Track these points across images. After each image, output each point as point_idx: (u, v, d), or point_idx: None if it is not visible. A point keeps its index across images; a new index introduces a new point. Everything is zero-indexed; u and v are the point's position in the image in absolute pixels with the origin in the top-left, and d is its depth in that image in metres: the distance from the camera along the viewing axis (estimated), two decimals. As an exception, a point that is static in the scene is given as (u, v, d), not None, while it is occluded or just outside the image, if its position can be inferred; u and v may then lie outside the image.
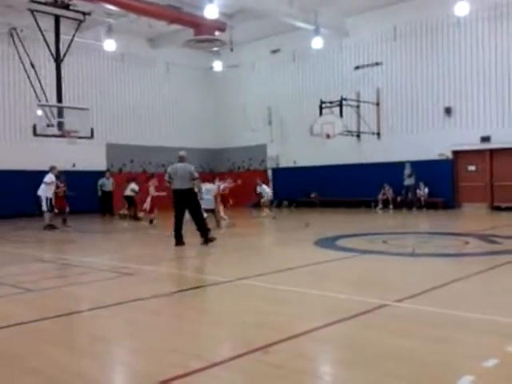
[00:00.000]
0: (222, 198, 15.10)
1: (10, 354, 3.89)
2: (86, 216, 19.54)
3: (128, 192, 17.67)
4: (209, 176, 21.21)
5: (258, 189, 19.36)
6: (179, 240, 9.91)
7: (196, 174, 10.01)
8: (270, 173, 25.63)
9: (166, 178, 10.02)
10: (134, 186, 17.70)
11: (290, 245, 10.65)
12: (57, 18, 18.24)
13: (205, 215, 10.85)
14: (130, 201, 17.80)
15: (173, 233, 10.09)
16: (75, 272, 7.58)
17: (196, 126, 26.40)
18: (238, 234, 13.14)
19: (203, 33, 20.15)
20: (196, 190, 10.14)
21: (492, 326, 4.32)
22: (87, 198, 20.23)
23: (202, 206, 13.45)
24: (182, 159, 10.10)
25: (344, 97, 20.83)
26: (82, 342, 4.31)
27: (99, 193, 20.52)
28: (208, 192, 14.17)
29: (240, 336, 4.26)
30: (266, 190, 19.49)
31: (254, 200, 20.54)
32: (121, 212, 18.40)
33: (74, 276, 7.22)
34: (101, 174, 21.24)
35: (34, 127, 17.45)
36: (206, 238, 9.93)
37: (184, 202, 9.90)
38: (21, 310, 5.35)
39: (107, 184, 20.53)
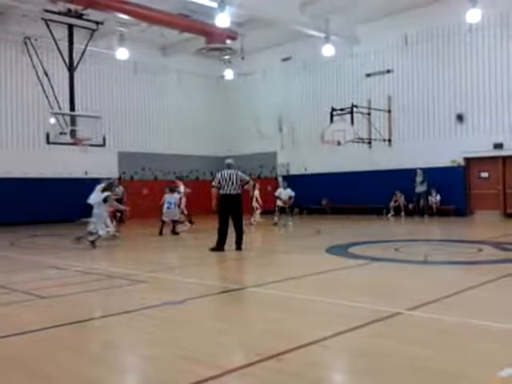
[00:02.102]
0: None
1: (22, 361, 3.91)
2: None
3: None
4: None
5: (278, 191, 18.20)
6: (222, 245, 10.25)
7: (246, 178, 10.87)
8: (280, 180, 25.60)
9: (215, 183, 10.50)
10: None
11: (301, 252, 10.61)
12: (70, 28, 18.49)
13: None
14: None
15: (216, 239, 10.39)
16: (88, 279, 7.61)
17: (207, 134, 26.51)
18: (249, 242, 13.12)
19: (214, 41, 20.29)
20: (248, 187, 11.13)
21: (507, 335, 4.27)
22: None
23: (166, 218, 14.35)
24: (230, 166, 10.73)
25: (355, 104, 20.82)
26: (95, 349, 4.32)
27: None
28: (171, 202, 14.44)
29: (251, 344, 4.25)
30: (284, 193, 17.97)
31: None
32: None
33: (86, 283, 7.25)
34: (113, 181, 21.37)
35: (47, 135, 17.66)
36: (240, 245, 10.46)
37: (231, 206, 10.40)
38: (33, 316, 5.38)
39: (116, 191, 20.54)
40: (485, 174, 19.80)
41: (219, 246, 10.24)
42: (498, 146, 19.00)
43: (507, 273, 7.18)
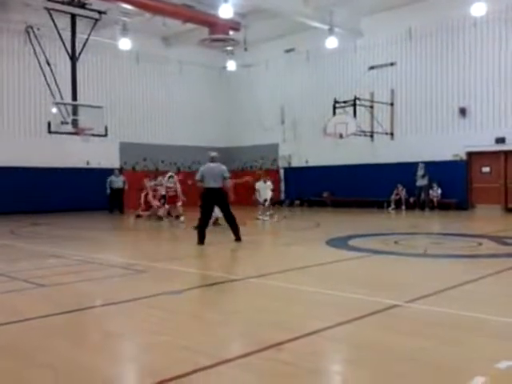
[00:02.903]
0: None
1: (22, 348, 3.93)
2: (97, 213, 19.71)
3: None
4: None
5: (258, 185, 16.65)
6: (202, 238, 10.03)
7: (228, 174, 10.46)
8: (282, 172, 25.63)
9: (198, 177, 10.32)
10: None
11: (301, 244, 10.63)
12: (73, 17, 18.45)
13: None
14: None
15: (196, 228, 10.31)
16: (88, 268, 7.64)
17: (208, 125, 26.48)
18: (248, 233, 13.15)
19: (217, 32, 20.20)
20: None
21: (505, 328, 4.28)
22: (100, 195, 20.43)
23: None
24: (213, 159, 10.48)
25: (358, 97, 20.75)
26: (93, 337, 4.34)
27: (108, 190, 20.50)
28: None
29: (251, 334, 4.26)
30: (263, 187, 16.52)
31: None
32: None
33: (86, 272, 7.27)
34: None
35: (49, 124, 17.65)
36: (239, 236, 10.33)
37: (215, 200, 10.26)
38: (33, 305, 5.41)
39: (116, 181, 20.54)
40: (486, 169, 19.77)
41: (199, 239, 9.98)
42: (500, 140, 18.96)
43: (506, 267, 7.18)
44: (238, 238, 10.34)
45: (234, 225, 10.37)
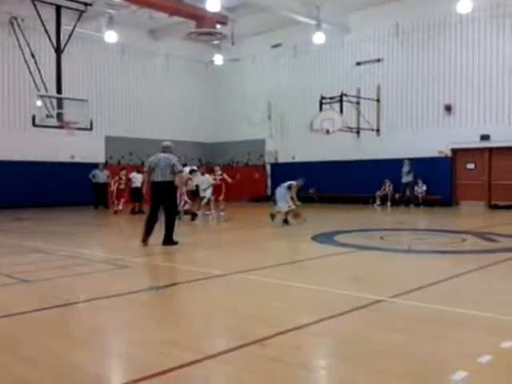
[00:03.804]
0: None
1: (7, 344, 3.90)
2: (82, 208, 19.54)
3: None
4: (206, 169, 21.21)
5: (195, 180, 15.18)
6: (147, 237, 9.00)
7: (180, 167, 9.21)
8: (268, 168, 25.64)
9: (146, 169, 9.36)
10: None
11: (287, 240, 10.66)
12: (58, 8, 18.21)
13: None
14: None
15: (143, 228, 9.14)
16: (72, 263, 7.58)
17: (195, 119, 26.37)
18: (231, 228, 13.15)
19: (204, 25, 20.07)
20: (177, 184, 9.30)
21: (487, 323, 4.33)
22: (85, 190, 20.24)
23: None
24: (165, 149, 9.21)
25: (344, 93, 20.81)
26: (79, 332, 4.31)
27: (91, 183, 20.04)
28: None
29: (235, 329, 4.27)
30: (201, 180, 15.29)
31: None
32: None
33: (71, 267, 7.21)
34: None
35: (33, 118, 17.43)
36: (168, 239, 9.03)
37: (161, 196, 9.03)
38: (17, 300, 5.36)
39: (99, 175, 20.19)
40: (471, 165, 19.98)
41: (144, 237, 8.98)
42: (485, 137, 19.15)
43: (490, 262, 7.28)
44: (166, 241, 9.01)
45: (170, 225, 9.05)
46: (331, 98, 20.72)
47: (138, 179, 16.89)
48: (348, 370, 3.36)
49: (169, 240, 9.03)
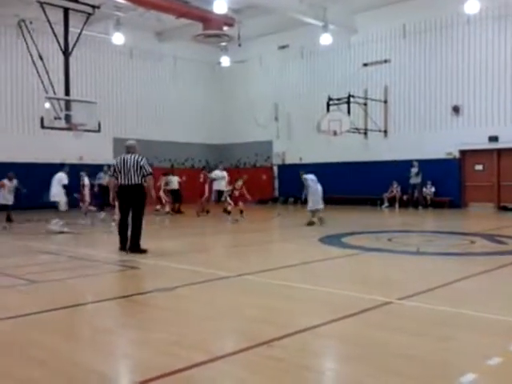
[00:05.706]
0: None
1: (13, 344, 3.91)
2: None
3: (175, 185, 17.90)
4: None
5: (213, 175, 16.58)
6: (123, 244, 8.46)
7: (149, 169, 8.58)
8: (275, 169, 25.62)
9: (111, 171, 8.78)
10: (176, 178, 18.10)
11: (294, 241, 10.63)
12: (66, 11, 18.26)
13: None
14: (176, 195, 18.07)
15: (116, 229, 8.80)
16: (80, 265, 7.60)
17: (202, 121, 26.41)
18: (241, 230, 13.14)
19: (211, 27, 20.10)
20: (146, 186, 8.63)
21: (496, 325, 4.30)
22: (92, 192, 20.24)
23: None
24: (129, 150, 8.60)
25: (351, 94, 20.76)
26: (85, 333, 4.32)
27: (95, 188, 20.02)
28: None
29: (243, 330, 4.27)
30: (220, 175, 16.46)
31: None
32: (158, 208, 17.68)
33: (79, 269, 7.23)
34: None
35: (42, 120, 17.50)
36: (135, 247, 8.33)
37: (129, 200, 8.40)
38: (25, 301, 5.38)
39: (105, 178, 20.15)
40: (479, 167, 19.85)
41: (121, 245, 8.47)
42: (493, 138, 19.03)
43: (499, 265, 7.22)
44: (133, 249, 8.30)
45: (136, 231, 8.37)
46: (338, 99, 20.68)
47: (174, 182, 17.91)
48: (356, 371, 3.34)
49: (136, 248, 8.31)
